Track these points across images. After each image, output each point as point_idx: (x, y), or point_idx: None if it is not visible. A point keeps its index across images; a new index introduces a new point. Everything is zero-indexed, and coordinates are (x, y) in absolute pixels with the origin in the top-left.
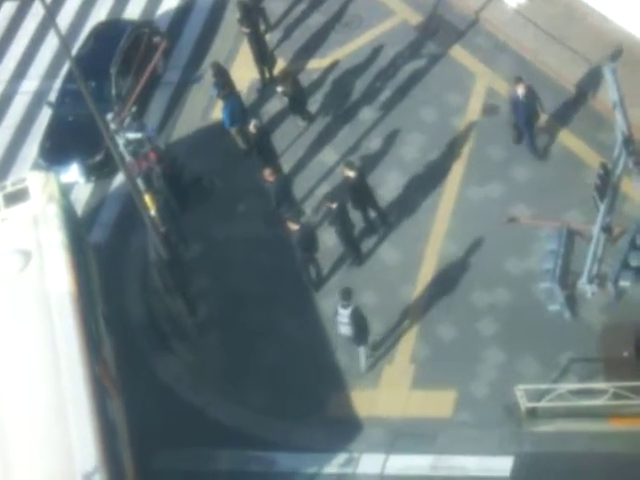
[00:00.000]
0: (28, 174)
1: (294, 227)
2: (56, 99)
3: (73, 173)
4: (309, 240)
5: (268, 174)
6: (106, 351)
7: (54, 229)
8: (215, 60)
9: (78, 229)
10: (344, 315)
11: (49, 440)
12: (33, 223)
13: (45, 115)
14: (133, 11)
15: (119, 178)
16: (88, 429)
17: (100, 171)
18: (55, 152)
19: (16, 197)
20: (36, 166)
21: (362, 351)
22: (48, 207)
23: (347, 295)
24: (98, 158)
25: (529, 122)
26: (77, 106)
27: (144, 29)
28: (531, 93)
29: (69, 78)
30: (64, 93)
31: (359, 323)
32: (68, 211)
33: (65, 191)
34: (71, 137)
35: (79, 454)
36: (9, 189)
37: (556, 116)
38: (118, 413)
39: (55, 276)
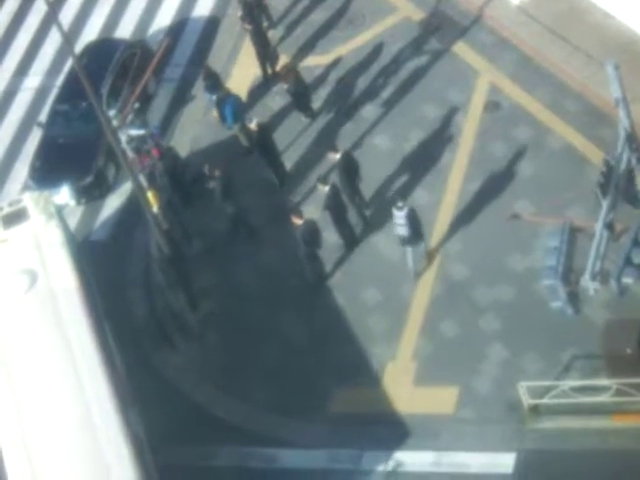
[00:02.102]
0: (24, 195)
1: (298, 222)
2: (46, 120)
3: (63, 195)
4: (312, 235)
5: (209, 170)
6: (118, 364)
7: (58, 248)
8: (206, 63)
9: (77, 247)
10: (400, 217)
11: (84, 459)
12: (35, 243)
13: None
14: (137, 6)
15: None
16: (122, 443)
17: (90, 193)
18: (45, 174)
19: (15, 218)
20: (26, 188)
21: (410, 252)
22: (49, 226)
23: (401, 197)
24: (88, 180)
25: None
26: (67, 127)
27: (136, 49)
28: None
29: (59, 99)
30: (54, 114)
31: (414, 223)
32: (66, 230)
33: (59, 210)
34: (61, 159)
35: (116, 469)
36: (6, 210)
37: (559, 113)
38: (138, 422)
39: (66, 294)
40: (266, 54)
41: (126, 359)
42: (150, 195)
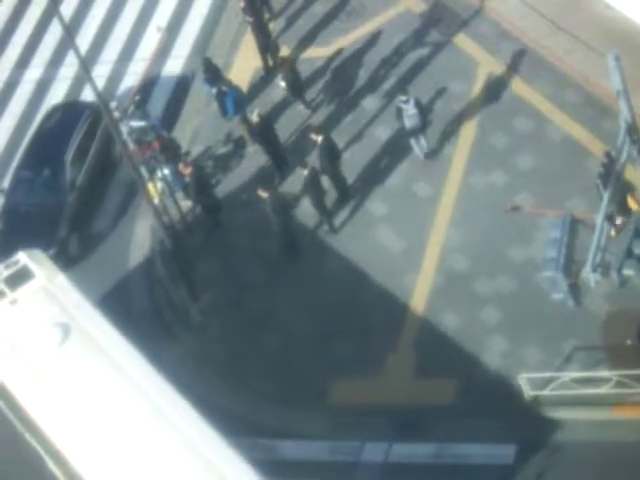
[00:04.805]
0: (18, 254)
1: (264, 195)
2: (8, 187)
3: None
4: (282, 205)
5: (182, 167)
6: None
7: (75, 296)
8: (206, 55)
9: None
10: (409, 108)
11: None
12: (50, 297)
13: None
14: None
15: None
16: (232, 455)
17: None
18: (6, 244)
19: (19, 277)
20: None
21: (423, 141)
22: (57, 278)
23: (405, 92)
24: (51, 253)
25: None
26: (30, 195)
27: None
28: None
29: (22, 165)
30: (17, 181)
31: (423, 108)
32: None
33: None
34: (23, 229)
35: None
36: (6, 273)
37: (559, 104)
38: None
39: (104, 334)
40: (267, 46)
41: None
42: (151, 187)
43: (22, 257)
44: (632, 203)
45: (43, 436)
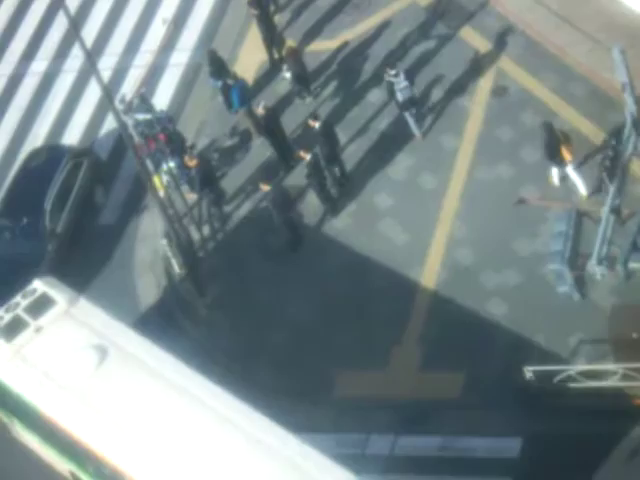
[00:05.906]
0: (34, 282)
1: (266, 188)
2: None
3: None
4: (283, 199)
5: (187, 160)
6: None
7: (102, 316)
8: (211, 48)
9: None
10: (400, 81)
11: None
12: (76, 320)
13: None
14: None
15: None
16: (310, 451)
17: None
18: None
19: (41, 306)
20: None
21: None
22: (79, 302)
23: (393, 65)
24: None
25: None
26: (9, 245)
27: (82, 158)
28: None
29: (1, 213)
30: None
31: (414, 82)
32: None
33: None
34: (2, 279)
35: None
36: (25, 302)
37: (565, 97)
38: None
39: (142, 350)
40: (272, 39)
41: None
42: (156, 180)
43: (38, 285)
44: (566, 154)
45: (103, 462)
